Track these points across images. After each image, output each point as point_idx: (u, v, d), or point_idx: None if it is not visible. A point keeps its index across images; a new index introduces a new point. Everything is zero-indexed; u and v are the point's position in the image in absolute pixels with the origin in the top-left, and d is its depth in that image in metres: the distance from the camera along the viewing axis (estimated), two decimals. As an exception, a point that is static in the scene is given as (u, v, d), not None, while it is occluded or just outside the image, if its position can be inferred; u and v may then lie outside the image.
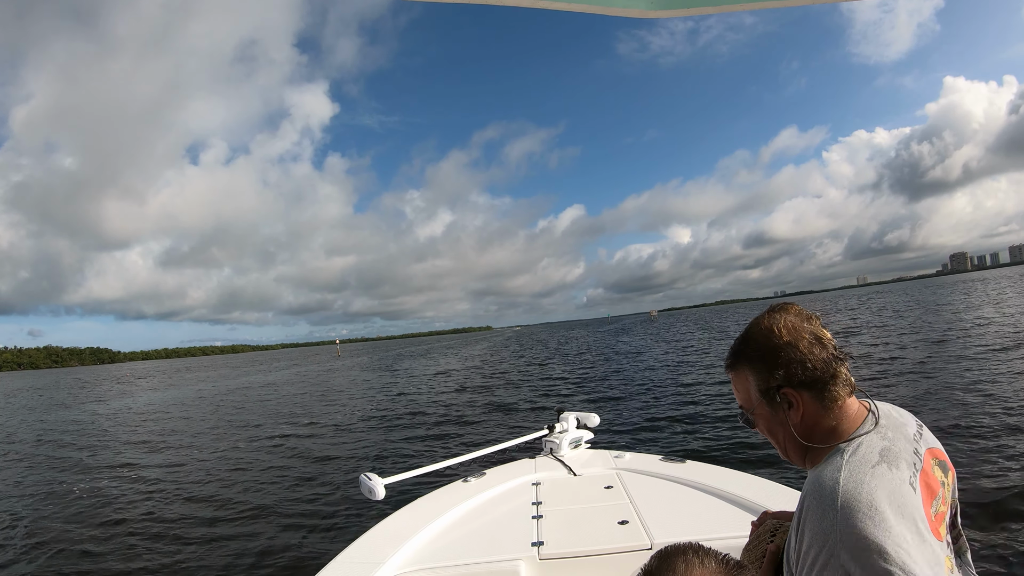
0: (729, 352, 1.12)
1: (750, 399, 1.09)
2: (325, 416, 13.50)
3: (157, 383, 41.12)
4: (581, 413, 3.84)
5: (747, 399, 1.10)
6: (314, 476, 7.64)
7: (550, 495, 2.74)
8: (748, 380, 1.08)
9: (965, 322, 22.40)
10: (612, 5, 1.23)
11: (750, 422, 1.11)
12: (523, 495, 2.82)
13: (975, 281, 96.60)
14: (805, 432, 1.03)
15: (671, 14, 1.15)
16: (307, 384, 26.84)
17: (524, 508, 2.64)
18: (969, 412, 7.90)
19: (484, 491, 2.89)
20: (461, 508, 2.68)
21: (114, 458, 10.07)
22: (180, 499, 6.92)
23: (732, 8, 1.15)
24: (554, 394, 15.14)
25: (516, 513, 2.60)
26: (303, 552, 5.00)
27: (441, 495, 2.89)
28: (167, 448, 10.63)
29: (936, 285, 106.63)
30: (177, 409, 19.38)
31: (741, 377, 1.10)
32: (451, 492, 2.92)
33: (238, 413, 16.26)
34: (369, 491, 2.58)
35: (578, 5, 1.19)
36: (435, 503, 2.76)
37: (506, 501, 2.79)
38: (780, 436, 1.06)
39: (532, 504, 2.68)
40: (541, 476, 3.08)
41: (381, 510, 3.35)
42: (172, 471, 8.56)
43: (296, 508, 6.25)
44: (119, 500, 7.10)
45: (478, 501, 2.79)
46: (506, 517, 2.59)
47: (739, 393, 1.12)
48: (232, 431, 12.33)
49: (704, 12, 1.19)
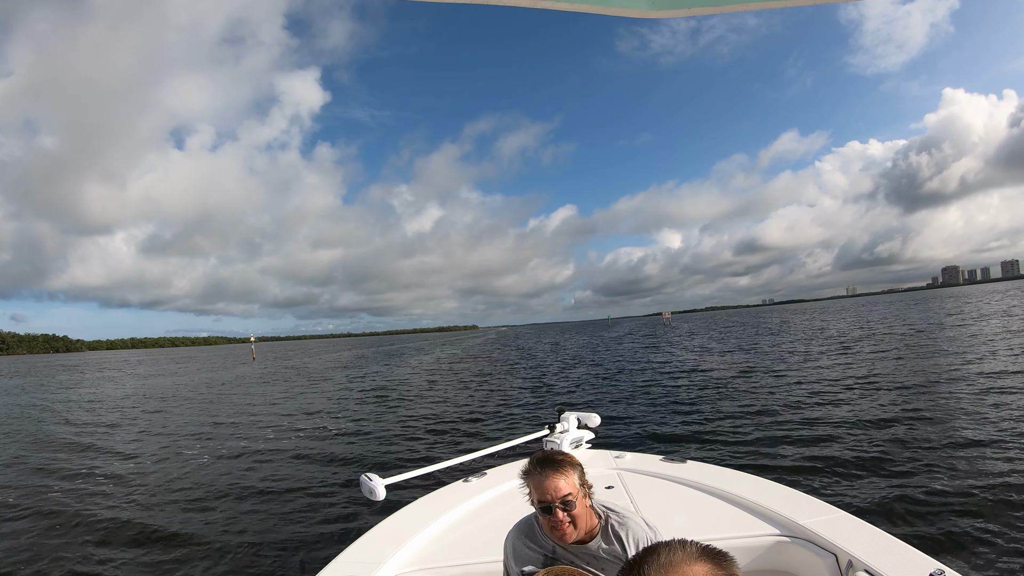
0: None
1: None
2: (324, 417, 13.50)
3: (61, 380, 36.32)
4: (582, 413, 3.84)
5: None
6: (314, 476, 7.64)
7: None
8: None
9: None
10: (613, 5, 1.22)
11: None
12: (524, 495, 2.83)
13: (988, 294, 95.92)
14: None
15: (673, 14, 1.15)
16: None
17: (525, 508, 2.64)
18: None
19: (485, 491, 2.89)
20: (462, 508, 2.69)
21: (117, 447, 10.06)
22: (179, 501, 6.92)
23: (735, 8, 1.15)
24: (554, 394, 15.15)
25: (517, 513, 2.60)
26: (304, 552, 5.00)
27: (442, 495, 2.90)
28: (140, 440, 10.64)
29: (937, 297, 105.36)
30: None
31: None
32: (452, 492, 2.93)
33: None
34: (370, 492, 2.58)
35: (579, 5, 1.18)
36: (436, 503, 2.76)
37: (507, 501, 2.79)
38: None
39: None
40: None
41: (382, 510, 3.35)
42: (163, 472, 8.56)
43: (296, 508, 6.25)
44: (111, 499, 7.11)
45: (479, 501, 2.79)
46: (507, 517, 2.59)
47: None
48: (225, 431, 12.33)
49: (706, 12, 1.18)
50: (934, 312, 44.35)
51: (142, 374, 39.32)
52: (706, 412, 10.40)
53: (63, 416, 16.79)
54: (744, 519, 2.32)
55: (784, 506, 2.32)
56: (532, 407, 12.96)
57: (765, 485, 2.66)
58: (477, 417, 12.00)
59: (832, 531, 2.05)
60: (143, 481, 7.98)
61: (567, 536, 1.59)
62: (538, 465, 1.62)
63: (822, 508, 2.31)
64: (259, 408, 15.95)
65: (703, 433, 8.73)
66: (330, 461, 8.57)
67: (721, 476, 2.83)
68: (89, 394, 24.68)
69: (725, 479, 2.76)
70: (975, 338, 19.67)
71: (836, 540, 1.98)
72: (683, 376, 16.60)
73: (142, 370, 45.85)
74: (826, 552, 1.97)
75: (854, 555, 1.87)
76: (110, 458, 9.90)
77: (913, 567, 1.77)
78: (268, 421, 13.22)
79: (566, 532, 1.58)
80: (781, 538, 2.13)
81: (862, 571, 1.79)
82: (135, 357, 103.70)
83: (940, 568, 1.72)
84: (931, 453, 6.49)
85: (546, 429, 3.75)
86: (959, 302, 63.32)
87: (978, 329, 23.46)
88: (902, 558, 1.83)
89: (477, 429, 10.60)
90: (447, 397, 15.82)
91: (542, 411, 12.15)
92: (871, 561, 1.81)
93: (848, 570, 1.86)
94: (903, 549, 1.90)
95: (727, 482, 2.69)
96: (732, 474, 2.88)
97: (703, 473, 2.89)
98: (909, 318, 38.64)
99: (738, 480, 2.75)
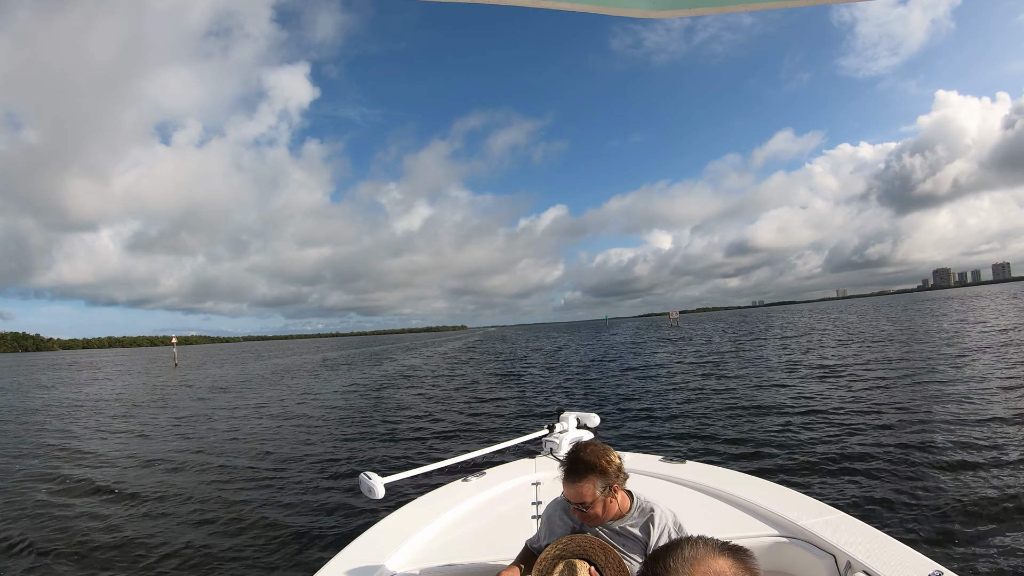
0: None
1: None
2: (322, 417, 13.50)
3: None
4: (581, 413, 3.85)
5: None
6: (314, 476, 7.64)
7: (550, 495, 2.74)
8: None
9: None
10: (613, 5, 1.22)
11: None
12: (523, 495, 2.83)
13: (986, 296, 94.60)
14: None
15: (673, 14, 1.14)
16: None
17: (524, 508, 2.65)
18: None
19: (484, 491, 2.90)
20: (461, 508, 2.69)
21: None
22: (177, 498, 6.92)
23: (735, 9, 1.15)
24: (553, 394, 15.16)
25: (516, 513, 2.61)
26: (303, 551, 5.00)
27: (441, 495, 2.90)
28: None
29: (935, 299, 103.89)
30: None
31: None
32: (451, 492, 2.93)
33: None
34: (369, 490, 2.58)
35: (579, 5, 1.18)
36: (435, 503, 2.76)
37: (506, 501, 2.79)
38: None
39: (532, 504, 2.69)
40: (541, 476, 3.09)
41: (381, 509, 3.35)
42: (169, 471, 8.56)
43: (296, 508, 6.25)
44: (106, 500, 7.10)
45: (478, 501, 2.79)
46: (506, 517, 2.60)
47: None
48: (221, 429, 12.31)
49: (708, 12, 1.18)
50: (932, 314, 44.38)
51: (46, 384, 31.56)
52: (705, 412, 10.40)
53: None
54: (743, 519, 2.32)
55: (783, 507, 2.33)
56: (532, 407, 12.97)
57: (764, 486, 2.66)
58: (476, 417, 12.00)
59: (831, 532, 2.05)
60: (141, 475, 7.98)
61: (592, 522, 1.79)
62: (566, 466, 1.80)
63: (821, 509, 2.31)
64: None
65: (702, 433, 8.73)
66: (329, 460, 8.57)
67: (720, 477, 2.83)
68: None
69: (724, 480, 2.76)
70: (975, 339, 19.69)
71: (835, 541, 1.98)
72: (682, 376, 16.61)
73: (57, 376, 39.13)
74: (825, 553, 1.97)
75: (852, 556, 1.87)
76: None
77: (911, 568, 1.76)
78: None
79: (590, 520, 1.79)
80: (780, 539, 2.13)
81: (860, 572, 1.79)
82: (93, 358, 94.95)
83: (939, 569, 1.72)
84: (930, 454, 6.49)
85: (545, 429, 3.75)
86: (959, 304, 63.27)
87: (978, 330, 23.47)
88: (900, 559, 1.83)
89: (476, 429, 10.61)
90: (446, 397, 15.82)
91: (542, 411, 12.16)
92: (869, 562, 1.81)
93: (847, 571, 1.86)
94: (901, 550, 1.90)
95: (726, 483, 2.69)
96: (731, 475, 2.88)
97: (702, 473, 2.89)
98: (908, 319, 38.67)
99: (737, 481, 2.75)
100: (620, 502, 1.80)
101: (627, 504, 1.81)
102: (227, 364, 47.29)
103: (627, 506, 1.80)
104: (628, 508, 1.80)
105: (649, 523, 1.76)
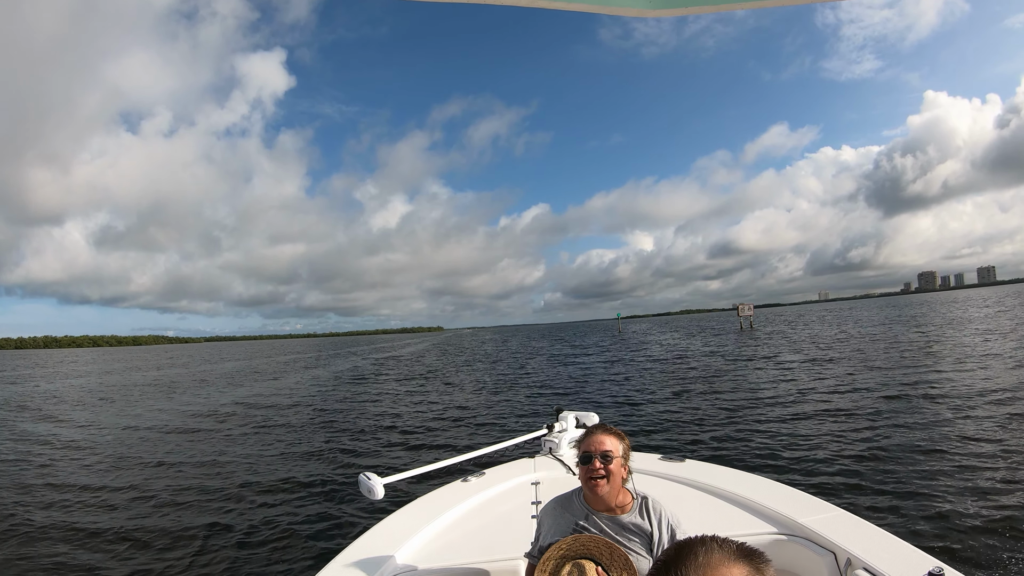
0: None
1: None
2: (320, 416, 13.48)
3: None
4: (580, 412, 3.85)
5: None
6: (313, 476, 7.63)
7: (550, 495, 2.75)
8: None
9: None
10: (612, 4, 1.22)
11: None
12: (523, 495, 2.83)
13: (982, 299, 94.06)
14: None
15: (671, 13, 1.14)
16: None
17: (524, 508, 2.65)
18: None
19: (483, 491, 2.89)
20: (460, 508, 2.69)
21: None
22: (174, 501, 6.90)
23: (733, 7, 1.15)
24: (553, 394, 15.16)
25: (516, 513, 2.61)
26: (303, 552, 4.99)
27: (440, 495, 2.89)
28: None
29: (928, 303, 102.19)
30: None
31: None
32: (450, 492, 2.93)
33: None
34: (368, 491, 2.57)
35: (578, 4, 1.18)
36: (435, 503, 2.76)
37: (506, 501, 2.79)
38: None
39: (532, 504, 2.68)
40: (540, 476, 3.08)
41: (380, 510, 3.35)
42: (164, 466, 8.54)
43: (295, 508, 6.24)
44: (104, 500, 7.07)
45: (477, 501, 2.79)
46: (506, 517, 2.60)
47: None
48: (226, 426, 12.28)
49: (704, 11, 1.18)
50: (927, 316, 44.49)
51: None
52: (705, 411, 10.42)
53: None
54: (743, 518, 2.32)
55: (783, 504, 2.33)
56: (531, 407, 12.97)
57: (763, 483, 2.67)
58: (476, 417, 12.00)
59: (831, 529, 2.05)
60: (141, 475, 7.95)
61: (599, 487, 1.75)
62: (595, 427, 1.88)
63: (820, 506, 2.31)
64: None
65: (701, 432, 8.74)
66: (328, 460, 8.56)
67: (720, 475, 2.83)
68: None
69: (723, 477, 2.76)
70: (974, 340, 19.74)
71: (835, 538, 1.98)
72: (681, 376, 16.63)
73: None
74: (825, 550, 1.97)
75: (853, 553, 1.87)
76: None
77: (912, 565, 1.76)
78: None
79: (599, 483, 1.75)
80: (780, 536, 2.13)
81: (861, 569, 1.79)
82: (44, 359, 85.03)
83: (939, 566, 1.72)
84: (929, 452, 6.51)
85: (544, 429, 3.75)
86: (952, 307, 63.36)
87: (977, 332, 23.53)
88: (901, 556, 1.83)
89: (476, 429, 10.60)
90: (445, 397, 15.81)
91: (541, 411, 12.16)
92: (870, 559, 1.81)
93: (847, 568, 1.86)
94: (902, 547, 1.90)
95: (726, 481, 2.69)
96: (731, 473, 2.88)
97: (701, 472, 2.89)
98: (905, 321, 38.75)
99: (737, 479, 2.75)
100: (623, 492, 1.83)
101: (629, 497, 1.84)
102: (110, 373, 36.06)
103: (629, 499, 1.84)
104: (630, 502, 1.83)
105: (650, 517, 1.79)
